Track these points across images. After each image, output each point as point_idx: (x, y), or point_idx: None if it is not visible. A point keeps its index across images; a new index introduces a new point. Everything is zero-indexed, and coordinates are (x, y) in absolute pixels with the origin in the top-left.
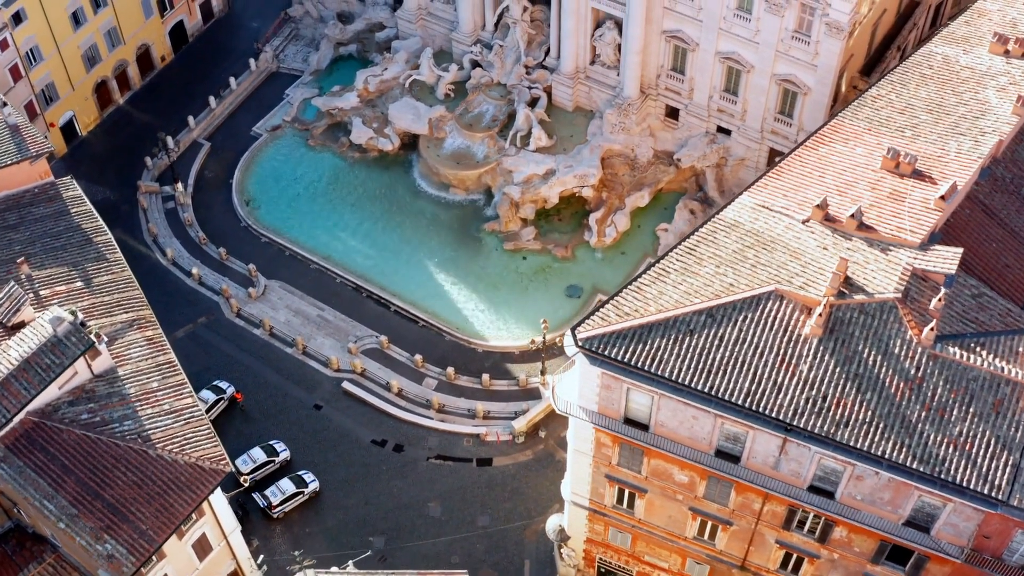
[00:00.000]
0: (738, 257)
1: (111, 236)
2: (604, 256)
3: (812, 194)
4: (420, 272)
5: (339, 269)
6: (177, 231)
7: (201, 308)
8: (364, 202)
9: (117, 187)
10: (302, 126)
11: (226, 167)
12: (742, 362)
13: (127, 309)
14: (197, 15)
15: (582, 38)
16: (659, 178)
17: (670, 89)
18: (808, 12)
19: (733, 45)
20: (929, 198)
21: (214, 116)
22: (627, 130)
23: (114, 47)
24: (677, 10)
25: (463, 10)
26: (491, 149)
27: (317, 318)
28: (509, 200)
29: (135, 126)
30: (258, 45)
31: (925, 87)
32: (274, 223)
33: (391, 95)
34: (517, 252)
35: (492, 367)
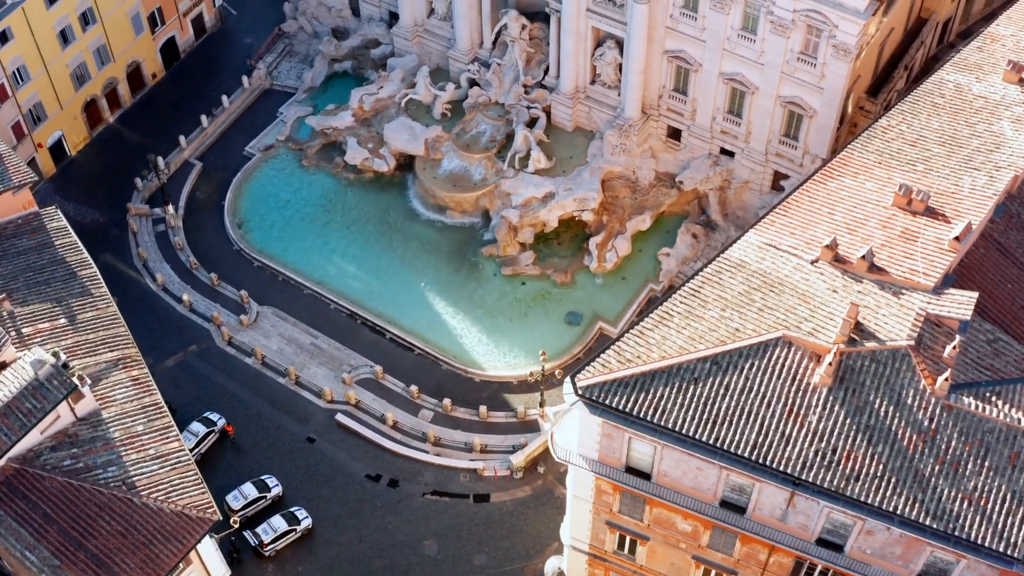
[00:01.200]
0: (744, 300)
1: (96, 270)
2: (604, 282)
3: (821, 232)
4: (416, 298)
5: (333, 295)
6: (168, 255)
7: (192, 336)
8: (359, 225)
9: (107, 209)
10: (296, 146)
11: (218, 188)
12: (748, 412)
13: (112, 347)
14: (189, 31)
15: (582, 58)
16: (661, 201)
17: (672, 110)
18: (815, 34)
19: (737, 66)
20: (943, 238)
21: (206, 135)
22: (628, 151)
23: (104, 65)
24: (679, 30)
25: (460, 28)
26: (489, 171)
27: (310, 346)
28: (507, 224)
29: (126, 145)
30: (251, 62)
31: (937, 117)
32: (267, 246)
33: (386, 114)
34: (515, 277)
35: (490, 398)
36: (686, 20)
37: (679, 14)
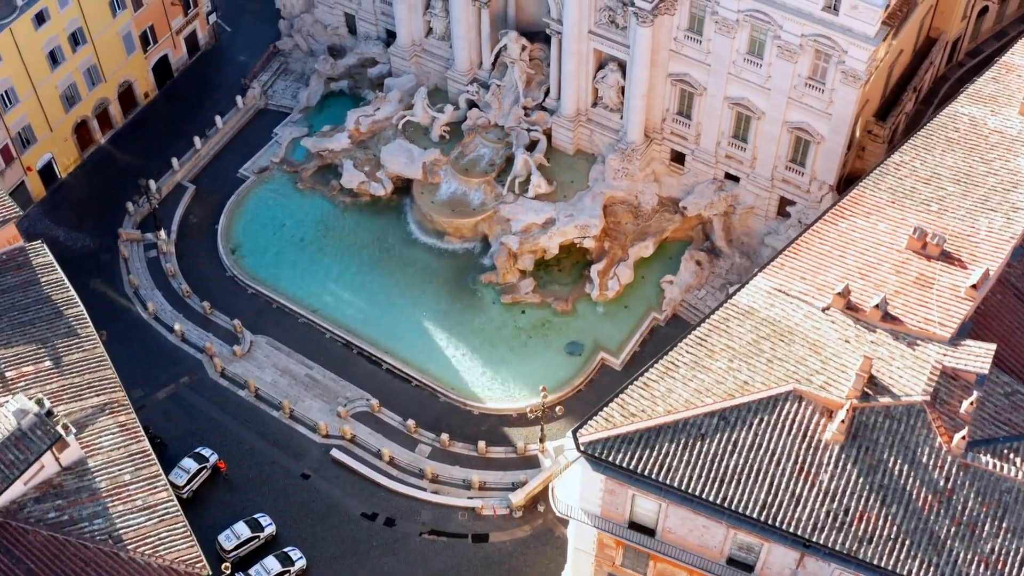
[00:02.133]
0: (753, 350)
1: (83, 308)
2: (606, 310)
3: (832, 277)
4: (413, 327)
5: (328, 323)
6: (159, 282)
7: (184, 367)
8: (355, 250)
9: (98, 234)
10: (291, 168)
11: (211, 212)
12: (757, 470)
13: (98, 391)
14: (182, 49)
15: (583, 80)
16: (664, 227)
17: (676, 134)
18: (823, 59)
19: (743, 91)
20: (959, 285)
21: (199, 157)
22: (630, 176)
23: (94, 85)
24: (684, 53)
25: (459, 48)
26: (488, 196)
27: (305, 377)
28: (507, 251)
29: (117, 167)
30: (245, 81)
31: (951, 153)
32: (261, 273)
33: (383, 136)
34: (515, 306)
35: (489, 431)
36: (690, 43)
37: (683, 37)
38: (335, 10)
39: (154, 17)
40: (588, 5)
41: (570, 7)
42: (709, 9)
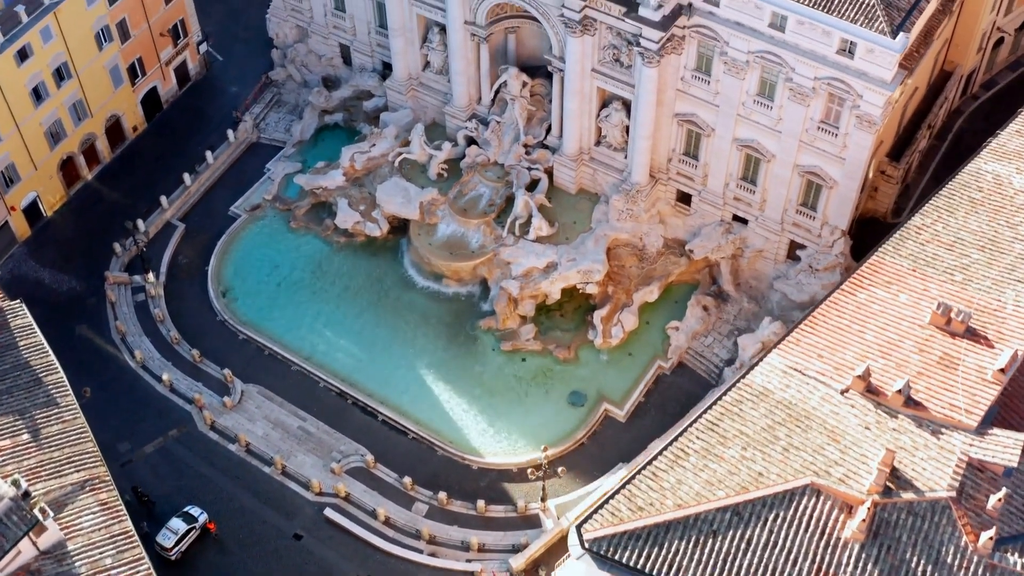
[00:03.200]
0: (768, 437)
1: (62, 375)
2: (610, 358)
3: (851, 355)
4: (410, 375)
5: (322, 372)
6: (148, 328)
7: (172, 419)
8: (350, 293)
9: (84, 276)
10: (284, 206)
11: (202, 252)
12: (773, 570)
13: (79, 466)
14: (172, 80)
15: (586, 119)
16: (670, 270)
17: (682, 174)
18: (837, 103)
19: (752, 132)
20: (985, 367)
21: (189, 194)
22: (635, 217)
23: (80, 121)
24: (691, 93)
25: (457, 84)
26: (487, 237)
27: (298, 430)
28: (507, 296)
29: (105, 204)
30: (237, 114)
31: (975, 215)
32: (253, 317)
33: (379, 173)
34: (515, 353)
35: (488, 487)
36: (698, 83)
37: (691, 77)
38: (329, 40)
39: (142, 49)
40: (591, 43)
41: (573, 45)
42: (718, 49)
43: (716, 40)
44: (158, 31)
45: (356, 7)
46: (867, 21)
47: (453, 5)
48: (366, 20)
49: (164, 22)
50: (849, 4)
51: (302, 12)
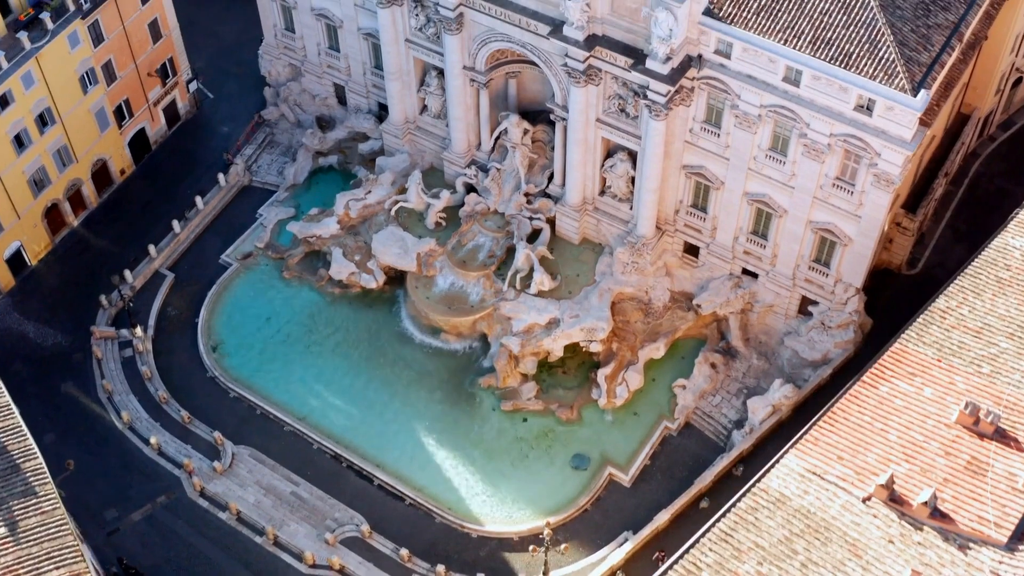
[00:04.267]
0: (785, 550)
1: (41, 460)
2: (614, 418)
3: (873, 457)
4: (407, 436)
5: (316, 433)
6: (135, 386)
7: (160, 485)
8: (345, 348)
9: (70, 329)
10: (276, 254)
11: (191, 303)
12: None
13: (59, 562)
14: (160, 120)
15: (590, 168)
16: (677, 326)
17: (690, 226)
18: (853, 160)
19: (764, 187)
20: (1015, 474)
21: (178, 241)
22: (640, 270)
23: (65, 166)
24: (700, 145)
25: (456, 130)
26: (487, 291)
27: (291, 496)
28: (507, 353)
29: (91, 252)
30: (228, 156)
31: (1003, 297)
32: (244, 373)
33: (375, 222)
34: (516, 413)
35: (488, 557)
36: (707, 136)
37: (700, 129)
38: (323, 80)
39: (129, 90)
40: (596, 93)
41: (576, 95)
42: (729, 102)
43: (727, 93)
44: (145, 71)
45: (351, 47)
46: (887, 78)
47: (451, 50)
48: (361, 61)
49: (152, 62)
50: (868, 59)
51: (295, 50)
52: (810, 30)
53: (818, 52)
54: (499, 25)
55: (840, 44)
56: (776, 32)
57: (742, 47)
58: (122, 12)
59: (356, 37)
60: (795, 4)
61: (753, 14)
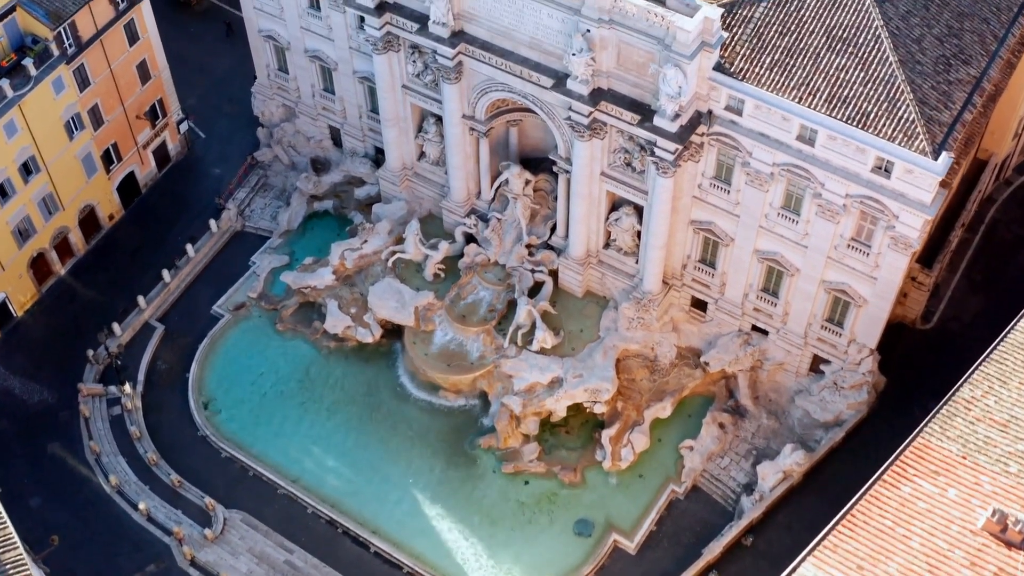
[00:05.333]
0: None
1: (22, 550)
2: (619, 481)
3: (895, 566)
4: (405, 499)
5: (310, 496)
6: (124, 446)
7: (149, 553)
8: (340, 406)
9: (56, 385)
10: (270, 305)
11: (182, 356)
12: None
13: None
14: (150, 163)
15: (595, 222)
16: (683, 383)
17: (698, 281)
18: (870, 221)
19: (776, 245)
20: None
21: (168, 291)
22: (646, 326)
23: (51, 215)
24: (709, 201)
25: (455, 178)
26: (487, 347)
27: (284, 565)
28: (508, 413)
29: (79, 302)
30: (220, 200)
31: None
32: (236, 432)
33: (371, 272)
34: (518, 475)
35: None
36: (717, 192)
37: (709, 185)
38: (318, 122)
39: (117, 134)
40: (601, 146)
41: (580, 148)
42: (739, 159)
43: (738, 150)
44: (134, 114)
45: (346, 90)
46: (906, 139)
47: (450, 99)
48: (357, 104)
49: (141, 104)
50: (887, 119)
51: (288, 91)
52: (826, 87)
53: (834, 111)
54: (499, 75)
55: (857, 102)
56: (790, 89)
57: (754, 104)
58: (109, 55)
59: (351, 80)
60: (810, 60)
61: (766, 70)
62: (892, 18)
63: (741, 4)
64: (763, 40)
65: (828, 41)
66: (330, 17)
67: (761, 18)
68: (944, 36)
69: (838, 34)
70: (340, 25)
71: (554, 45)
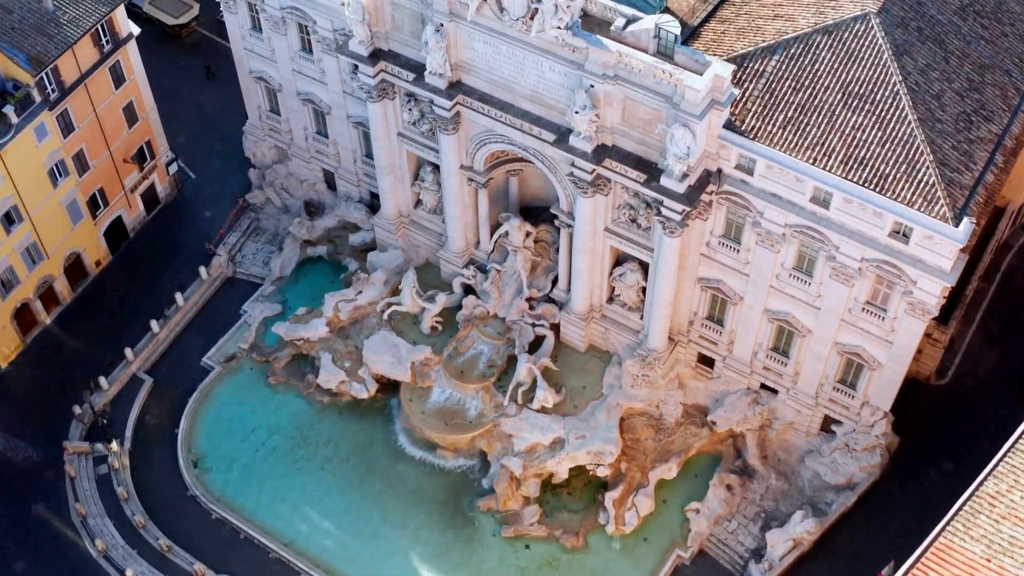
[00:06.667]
0: None
1: None
2: (623, 545)
3: None
4: (401, 564)
5: (304, 561)
6: (111, 508)
7: None
8: (335, 464)
9: (42, 443)
10: (262, 357)
11: (171, 411)
12: None
13: None
14: (138, 207)
15: (598, 277)
16: (690, 443)
17: (705, 338)
18: (886, 285)
19: (787, 306)
20: None
21: (157, 342)
22: (651, 383)
23: (35, 264)
24: (717, 259)
25: (453, 229)
26: (487, 405)
27: None
28: (508, 475)
29: (65, 353)
30: (210, 246)
31: None
32: (227, 491)
33: (366, 324)
34: (518, 539)
35: None
36: (726, 251)
37: (717, 243)
38: (311, 165)
39: (103, 179)
40: (605, 202)
41: (583, 204)
42: (750, 219)
43: (748, 210)
44: (121, 157)
45: (340, 134)
46: (926, 204)
47: (447, 149)
48: (351, 148)
49: (128, 147)
50: (905, 182)
51: (280, 133)
52: (842, 147)
53: (851, 173)
54: (499, 127)
55: (875, 164)
56: (804, 149)
57: (766, 164)
58: (94, 98)
59: (345, 124)
60: (825, 117)
61: (779, 128)
62: (911, 72)
63: (753, 57)
64: (776, 96)
65: (844, 97)
66: (322, 61)
67: (773, 72)
68: (965, 91)
69: (854, 90)
70: (333, 69)
71: (556, 99)
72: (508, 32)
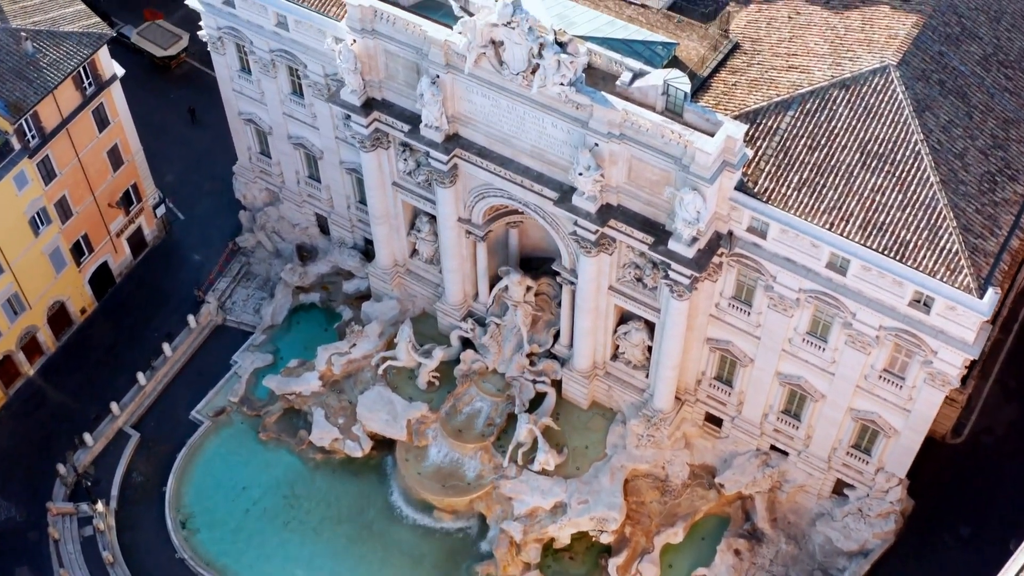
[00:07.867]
0: None
1: None
2: None
3: None
4: None
5: None
6: (96, 571)
7: None
8: (328, 525)
9: (25, 502)
10: (252, 411)
11: (159, 467)
12: None
13: None
14: (125, 251)
15: (602, 336)
16: (696, 506)
17: (713, 398)
18: (905, 354)
19: (799, 370)
20: None
21: (144, 395)
22: (657, 444)
23: (17, 315)
24: (727, 321)
25: (451, 281)
26: (485, 465)
27: None
28: (508, 539)
29: (49, 407)
30: (199, 293)
31: None
32: (217, 554)
33: (361, 378)
34: None
35: None
36: (736, 313)
37: (727, 305)
38: (303, 209)
39: (88, 225)
40: (609, 261)
41: (587, 263)
42: (762, 282)
43: (760, 273)
44: (106, 202)
45: (332, 179)
46: (949, 274)
47: (444, 202)
48: (344, 194)
49: (113, 191)
50: (927, 250)
51: (271, 176)
52: (860, 211)
53: (869, 239)
54: (498, 180)
55: (895, 230)
56: (820, 213)
57: (780, 228)
58: (76, 143)
59: (338, 170)
60: (843, 179)
61: (794, 190)
62: (932, 130)
63: (766, 112)
64: (790, 155)
65: (862, 157)
66: (314, 105)
67: (788, 129)
68: (989, 148)
69: (874, 149)
70: (325, 115)
71: (559, 156)
72: (508, 87)
